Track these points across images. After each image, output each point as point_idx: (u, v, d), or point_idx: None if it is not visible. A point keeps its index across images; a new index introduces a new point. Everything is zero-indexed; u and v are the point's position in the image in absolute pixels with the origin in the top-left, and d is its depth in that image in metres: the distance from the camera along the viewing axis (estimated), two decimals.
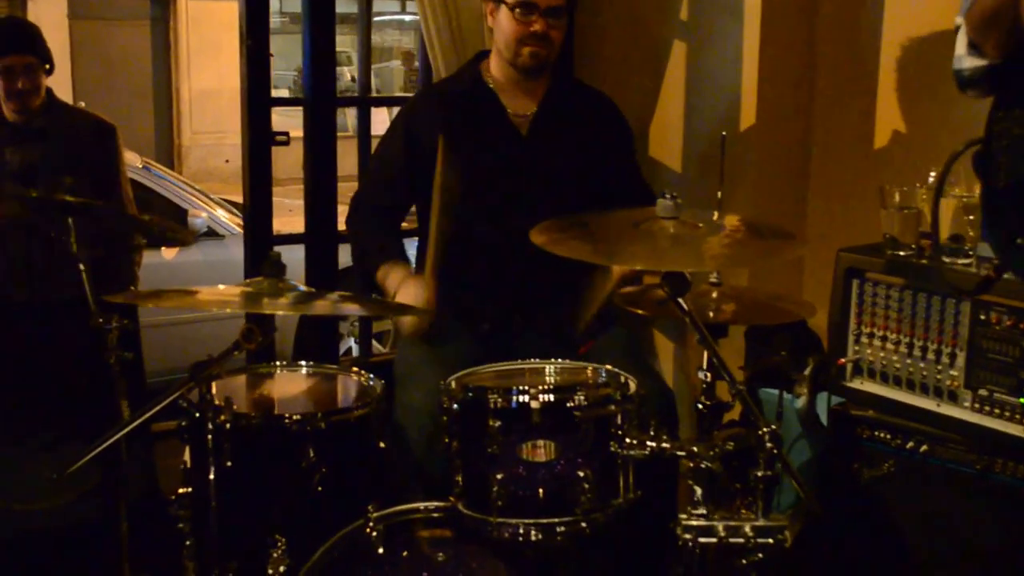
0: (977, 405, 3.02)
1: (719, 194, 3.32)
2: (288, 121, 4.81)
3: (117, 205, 4.65)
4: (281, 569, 2.81)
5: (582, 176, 3.77)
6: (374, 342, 6.49)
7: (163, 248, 6.61)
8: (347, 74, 17.54)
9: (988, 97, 2.26)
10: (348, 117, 14.52)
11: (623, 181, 3.87)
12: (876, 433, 3.24)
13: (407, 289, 3.56)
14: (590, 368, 3.06)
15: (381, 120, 8.45)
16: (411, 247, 3.94)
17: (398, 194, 3.85)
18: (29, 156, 4.59)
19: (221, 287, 3.04)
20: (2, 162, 4.58)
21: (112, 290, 3.20)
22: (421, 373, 3.46)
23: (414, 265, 3.78)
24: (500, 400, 2.67)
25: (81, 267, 3.28)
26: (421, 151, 3.67)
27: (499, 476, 2.64)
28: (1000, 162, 2.09)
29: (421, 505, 2.88)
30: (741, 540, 2.44)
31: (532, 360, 3.12)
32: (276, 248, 3.59)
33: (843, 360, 3.30)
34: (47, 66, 4.60)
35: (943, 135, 3.68)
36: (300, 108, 4.45)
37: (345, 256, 4.61)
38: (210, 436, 2.82)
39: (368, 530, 2.75)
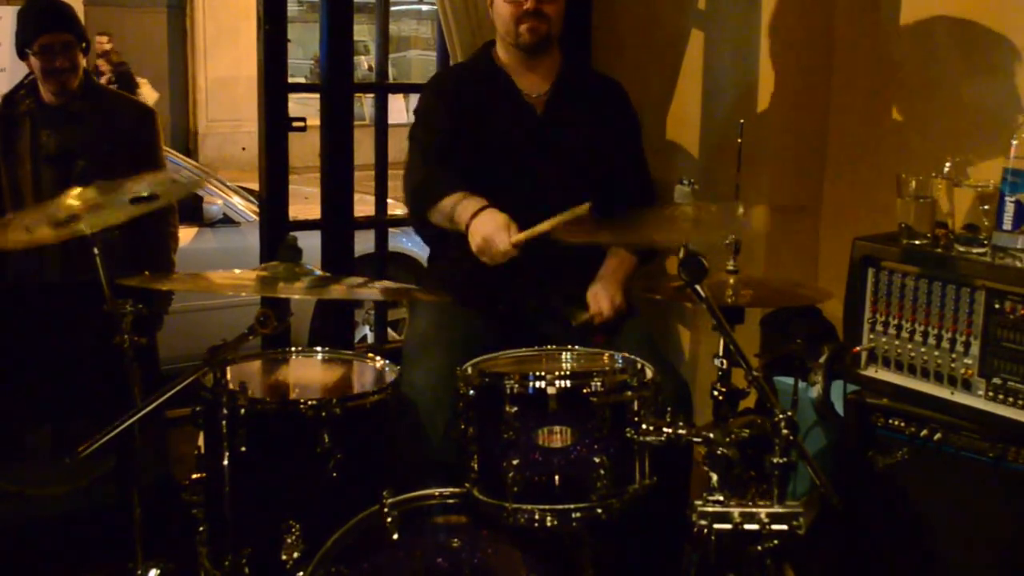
0: (991, 393, 3.02)
1: (737, 178, 3.32)
2: (303, 110, 4.81)
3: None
4: (295, 555, 2.81)
5: (592, 157, 3.77)
6: (389, 329, 6.48)
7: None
8: (364, 63, 17.55)
9: None
10: (365, 106, 14.58)
11: (628, 170, 3.87)
12: (890, 421, 3.24)
13: (486, 215, 3.44)
14: (607, 355, 3.05)
15: (397, 109, 8.45)
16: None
17: (449, 152, 3.72)
18: (66, 139, 4.56)
19: (236, 271, 3.04)
20: (38, 145, 4.56)
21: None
22: (429, 353, 3.47)
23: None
24: (517, 386, 2.66)
25: (95, 251, 3.26)
26: (453, 117, 3.74)
27: (515, 462, 2.63)
28: None
29: (436, 491, 2.87)
30: (756, 526, 2.43)
31: (548, 347, 3.11)
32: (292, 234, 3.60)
33: (858, 348, 3.30)
34: (83, 44, 4.58)
35: (960, 123, 3.68)
36: (314, 98, 4.46)
37: (361, 244, 4.63)
38: (225, 421, 2.83)
39: (383, 516, 2.75)
